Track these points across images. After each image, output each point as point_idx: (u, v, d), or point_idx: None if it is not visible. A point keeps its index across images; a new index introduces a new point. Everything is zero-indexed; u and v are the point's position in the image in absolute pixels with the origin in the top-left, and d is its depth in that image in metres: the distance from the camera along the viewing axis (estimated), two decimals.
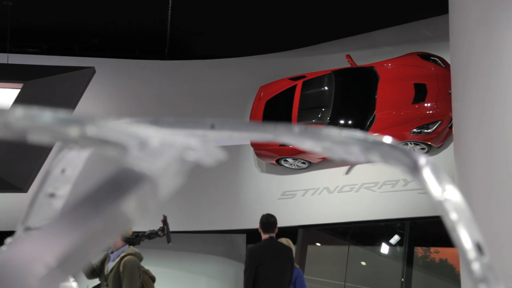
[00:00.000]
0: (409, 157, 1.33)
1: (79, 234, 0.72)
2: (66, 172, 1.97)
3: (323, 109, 9.50)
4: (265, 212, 6.23)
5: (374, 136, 1.41)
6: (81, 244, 0.73)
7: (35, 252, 0.70)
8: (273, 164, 10.05)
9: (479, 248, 1.29)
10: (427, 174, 1.31)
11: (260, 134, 1.60)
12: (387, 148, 1.38)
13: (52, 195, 2.02)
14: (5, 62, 10.40)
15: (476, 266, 1.26)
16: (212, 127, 1.55)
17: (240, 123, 1.65)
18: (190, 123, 1.56)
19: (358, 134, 1.42)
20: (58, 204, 2.04)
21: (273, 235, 5.88)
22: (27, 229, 2.12)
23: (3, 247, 2.15)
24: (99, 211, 0.75)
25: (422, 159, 1.33)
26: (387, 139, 1.40)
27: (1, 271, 0.68)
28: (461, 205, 1.36)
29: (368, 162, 1.41)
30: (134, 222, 0.81)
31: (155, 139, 0.89)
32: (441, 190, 1.33)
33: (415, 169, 1.32)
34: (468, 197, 5.23)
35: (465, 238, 1.31)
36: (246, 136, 1.62)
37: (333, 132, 1.46)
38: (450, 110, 7.70)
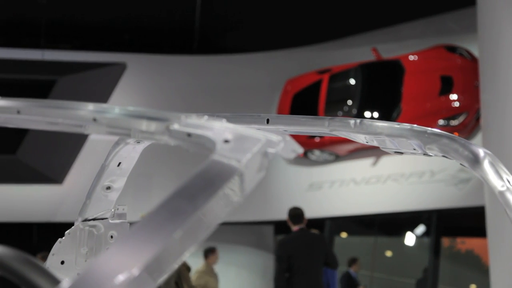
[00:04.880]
0: (469, 150, 1.34)
1: (163, 242, 0.72)
2: (122, 166, 2.11)
3: (350, 102, 9.59)
4: (292, 204, 6.40)
5: (432, 129, 1.44)
6: (166, 251, 0.73)
7: (119, 262, 0.70)
8: (300, 156, 10.17)
9: None
10: (487, 166, 1.33)
11: (315, 128, 1.64)
12: (446, 140, 1.39)
13: (108, 188, 2.16)
14: (40, 57, 10.66)
15: None
16: (267, 122, 1.64)
17: (294, 118, 1.71)
18: (246, 117, 1.65)
19: (416, 127, 1.46)
20: (114, 196, 2.19)
21: (303, 226, 6.02)
22: (85, 220, 2.27)
23: (63, 238, 2.30)
24: (197, 205, 0.77)
25: (481, 152, 1.35)
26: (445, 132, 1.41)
27: (85, 281, 0.68)
28: None
29: (425, 155, 1.42)
30: (214, 227, 0.81)
31: (239, 134, 0.90)
32: (501, 181, 1.34)
33: (475, 162, 1.33)
34: None
35: None
36: (301, 130, 1.68)
37: (390, 125, 1.51)
38: (477, 102, 7.74)
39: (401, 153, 1.51)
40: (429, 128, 1.42)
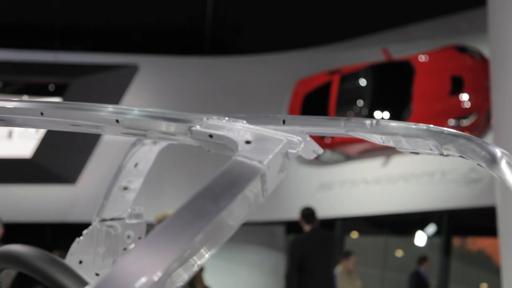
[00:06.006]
0: (486, 150, 1.33)
1: (186, 245, 0.71)
2: (138, 166, 2.15)
3: (361, 102, 9.62)
4: (303, 204, 6.47)
5: (449, 129, 1.44)
6: (189, 254, 0.72)
7: (141, 264, 0.69)
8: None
9: None
10: (504, 166, 1.31)
11: (331, 129, 1.64)
12: (463, 141, 1.37)
13: (125, 188, 2.21)
14: (53, 59, 10.77)
15: None
16: (284, 122, 1.64)
17: (310, 118, 1.71)
18: (262, 118, 1.65)
19: (432, 127, 1.42)
20: (130, 196, 2.24)
21: (316, 225, 6.09)
22: (103, 220, 2.31)
23: (81, 238, 2.34)
24: (220, 206, 0.76)
25: (498, 152, 1.32)
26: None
27: (106, 284, 0.67)
28: None
29: (441, 155, 1.42)
30: (236, 228, 0.80)
31: (260, 135, 0.90)
32: None
33: (493, 162, 1.32)
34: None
35: None
36: (317, 131, 1.67)
37: (406, 125, 1.49)
38: (487, 102, 7.75)
39: (417, 153, 1.51)
40: (446, 128, 1.44)
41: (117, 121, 1.05)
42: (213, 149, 0.96)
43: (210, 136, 0.94)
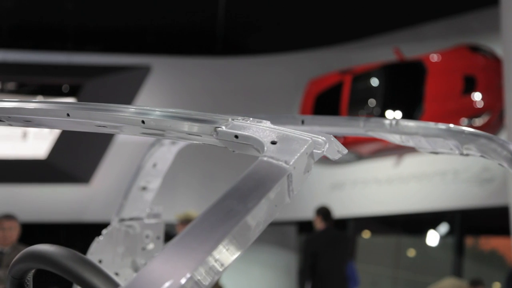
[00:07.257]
0: (507, 150, 1.31)
1: (213, 247, 0.70)
2: (157, 167, 2.16)
3: (373, 102, 9.61)
4: (315, 204, 6.51)
5: (469, 129, 1.41)
6: (216, 256, 0.71)
7: (169, 267, 0.68)
8: (323, 156, 10.18)
9: None
10: None
11: (351, 129, 1.64)
12: (484, 140, 1.36)
13: (144, 188, 2.21)
14: (66, 61, 10.86)
15: None
16: (303, 122, 1.65)
17: (329, 118, 1.70)
18: (281, 118, 1.66)
19: (453, 126, 1.44)
20: (149, 196, 2.25)
21: (330, 225, 6.14)
22: (122, 220, 2.31)
23: (100, 237, 2.35)
24: (248, 207, 0.75)
25: None
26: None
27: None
28: None
29: (462, 154, 1.43)
30: (263, 228, 0.80)
31: (285, 135, 0.90)
32: None
33: None
34: None
35: None
36: (336, 131, 1.68)
37: (426, 125, 1.49)
38: (500, 101, 7.72)
39: (437, 153, 1.50)
40: (467, 128, 1.42)
41: (143, 122, 1.04)
42: (238, 150, 0.96)
43: (236, 136, 0.94)
